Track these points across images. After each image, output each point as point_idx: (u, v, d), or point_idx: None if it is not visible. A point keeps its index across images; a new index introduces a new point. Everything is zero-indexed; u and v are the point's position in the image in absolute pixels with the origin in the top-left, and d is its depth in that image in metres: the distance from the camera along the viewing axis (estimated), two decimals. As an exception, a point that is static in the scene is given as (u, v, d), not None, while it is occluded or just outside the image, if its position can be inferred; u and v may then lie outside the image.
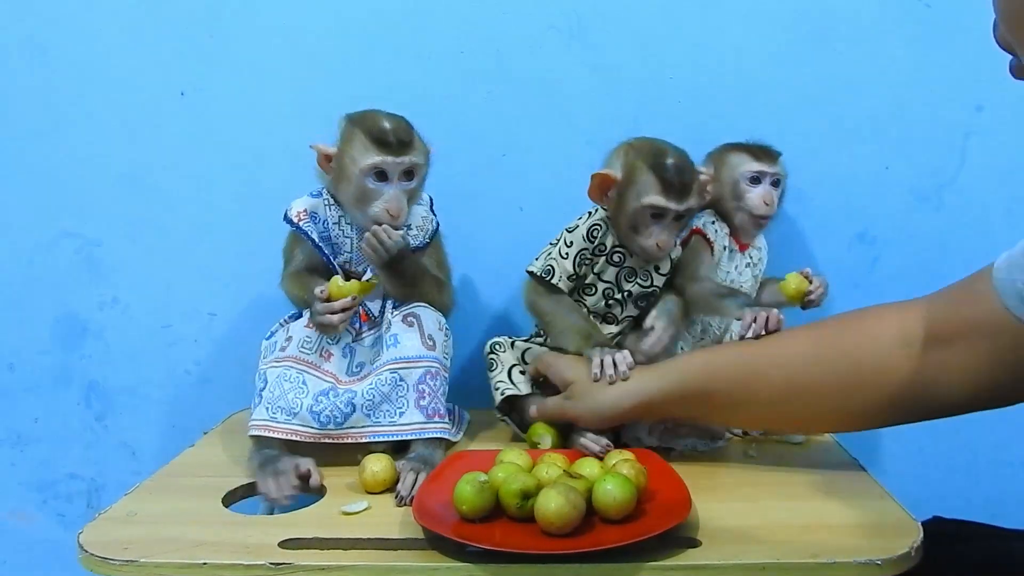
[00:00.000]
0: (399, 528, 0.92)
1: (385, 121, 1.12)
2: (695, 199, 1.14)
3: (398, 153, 1.10)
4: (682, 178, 1.11)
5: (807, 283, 1.16)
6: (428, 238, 1.20)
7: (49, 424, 1.49)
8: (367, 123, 1.12)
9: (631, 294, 1.18)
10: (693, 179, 1.13)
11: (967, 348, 0.90)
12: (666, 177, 1.10)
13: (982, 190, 1.37)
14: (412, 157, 1.11)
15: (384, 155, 1.10)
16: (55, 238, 1.44)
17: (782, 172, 1.23)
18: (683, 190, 1.11)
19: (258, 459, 1.08)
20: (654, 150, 1.13)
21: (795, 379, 1.00)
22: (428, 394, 1.11)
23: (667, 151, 1.12)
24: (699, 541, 0.87)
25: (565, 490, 0.87)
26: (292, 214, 1.19)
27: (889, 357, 0.95)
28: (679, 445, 1.14)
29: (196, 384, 1.47)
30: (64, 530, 1.51)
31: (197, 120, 1.40)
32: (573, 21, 1.37)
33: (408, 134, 1.12)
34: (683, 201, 1.11)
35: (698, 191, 1.15)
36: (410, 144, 1.12)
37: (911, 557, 0.83)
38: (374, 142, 1.10)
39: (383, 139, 1.10)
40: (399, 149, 1.10)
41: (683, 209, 1.12)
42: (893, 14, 1.34)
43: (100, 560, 0.86)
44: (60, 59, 1.40)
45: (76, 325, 1.46)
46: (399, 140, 1.10)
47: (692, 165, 1.14)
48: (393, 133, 1.10)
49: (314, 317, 1.12)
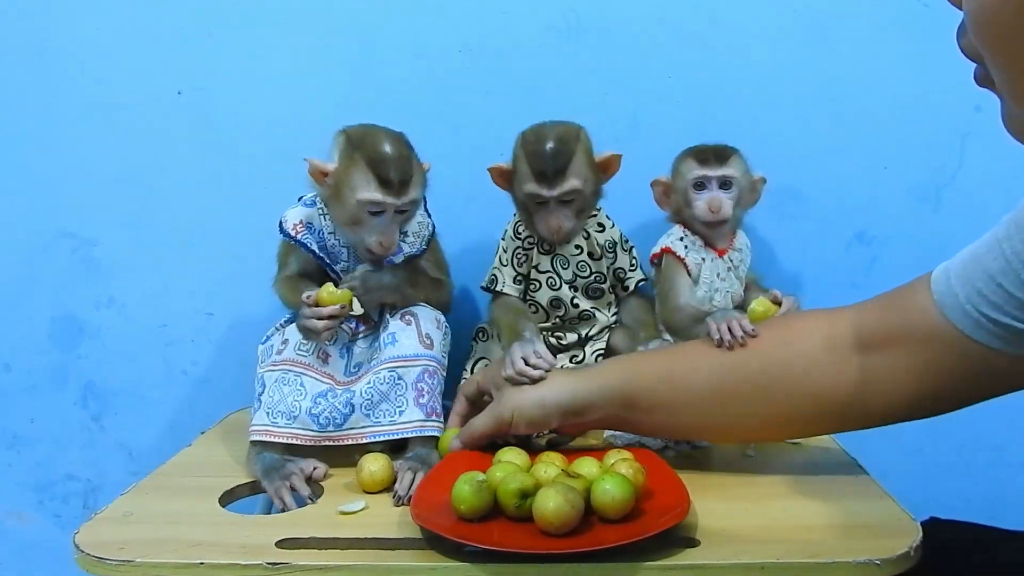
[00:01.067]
0: (397, 528, 0.92)
1: (387, 153, 1.08)
2: (574, 181, 1.14)
3: (398, 194, 1.08)
4: (555, 164, 1.13)
5: (775, 309, 1.16)
6: (424, 244, 1.20)
7: (46, 424, 1.49)
8: (368, 152, 1.08)
9: (575, 285, 1.22)
10: (567, 162, 1.13)
11: (902, 355, 0.90)
12: (538, 166, 1.13)
13: (980, 190, 1.37)
14: (411, 196, 1.10)
15: (384, 195, 1.07)
16: (52, 238, 1.44)
17: (735, 172, 1.19)
18: (556, 176, 1.13)
19: (260, 464, 1.07)
20: (532, 137, 1.15)
21: (718, 385, 0.99)
22: (427, 392, 1.11)
23: (545, 137, 1.15)
24: (698, 541, 0.86)
25: (563, 489, 0.87)
26: (288, 227, 1.17)
27: (815, 363, 0.95)
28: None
29: (193, 384, 1.47)
30: (60, 531, 1.51)
31: (195, 120, 1.40)
32: (572, 21, 1.37)
33: (409, 171, 1.09)
34: (556, 187, 1.14)
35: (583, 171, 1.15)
36: (410, 183, 1.09)
37: (910, 557, 0.83)
38: (375, 178, 1.07)
39: (384, 177, 1.07)
40: (399, 189, 1.08)
41: (558, 194, 1.14)
42: (891, 14, 1.35)
43: (96, 560, 0.86)
44: (57, 59, 1.40)
45: (73, 325, 1.46)
46: (400, 180, 1.07)
47: (571, 147, 1.14)
48: (395, 171, 1.07)
49: (300, 320, 1.12)
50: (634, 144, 1.35)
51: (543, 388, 1.04)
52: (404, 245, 1.18)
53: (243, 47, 1.39)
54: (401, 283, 1.15)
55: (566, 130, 1.17)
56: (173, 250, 1.43)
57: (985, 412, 1.40)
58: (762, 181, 1.23)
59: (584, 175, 1.16)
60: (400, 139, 1.12)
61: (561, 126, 1.18)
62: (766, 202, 1.36)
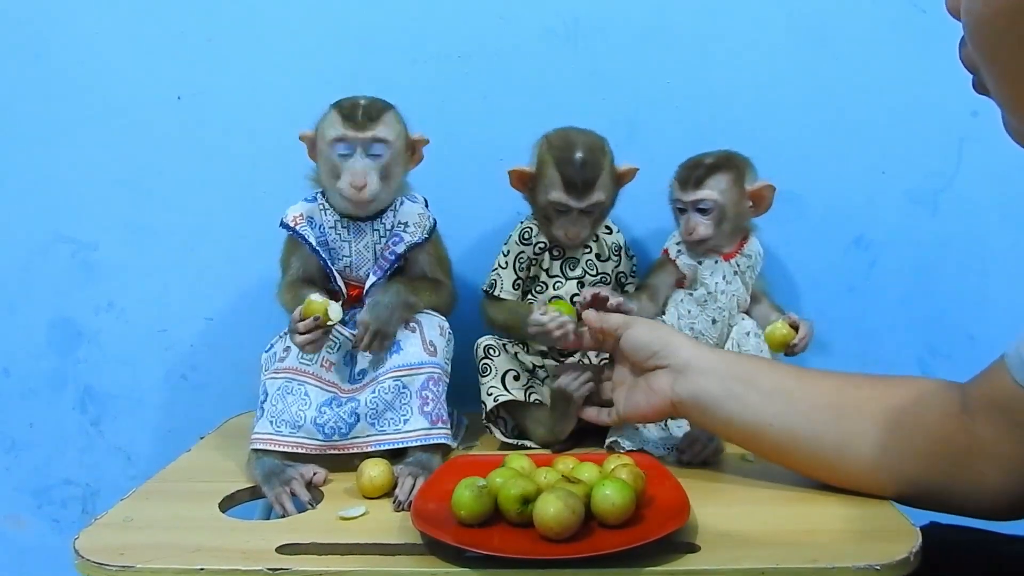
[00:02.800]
0: (397, 533, 0.92)
1: (356, 99, 1.15)
2: (600, 194, 1.17)
3: (362, 127, 1.12)
4: (584, 175, 1.15)
5: (793, 334, 1.18)
6: (427, 234, 1.19)
7: (44, 429, 1.49)
8: (340, 101, 1.15)
9: (582, 281, 1.22)
10: (596, 175, 1.16)
11: (999, 420, 0.90)
12: (569, 176, 1.15)
13: (978, 194, 1.37)
14: (376, 131, 1.12)
15: (347, 128, 1.12)
16: (51, 242, 1.44)
17: (711, 194, 1.18)
18: (584, 188, 1.15)
19: (260, 469, 1.07)
20: (561, 144, 1.17)
21: (838, 400, 0.98)
22: (431, 400, 1.11)
23: (575, 145, 1.16)
24: (698, 546, 0.86)
25: (564, 495, 0.87)
26: (288, 219, 1.18)
27: (930, 417, 0.94)
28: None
29: (192, 389, 1.46)
30: (59, 536, 1.50)
31: (194, 124, 1.40)
32: (570, 25, 1.37)
33: (377, 111, 1.14)
34: (583, 199, 1.16)
35: (608, 184, 1.18)
36: (377, 119, 1.13)
37: (910, 562, 0.83)
38: (341, 116, 1.12)
39: (349, 113, 1.12)
40: (363, 123, 1.12)
41: (584, 206, 1.16)
42: (888, 18, 1.35)
43: (96, 566, 0.86)
44: (56, 63, 1.40)
45: (71, 329, 1.46)
46: (365, 114, 1.12)
47: (600, 160, 1.16)
48: (361, 108, 1.13)
49: (290, 333, 1.12)
50: (633, 149, 1.35)
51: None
52: (405, 235, 1.18)
53: (243, 52, 1.39)
54: (405, 295, 1.15)
55: (594, 141, 1.19)
56: (172, 254, 1.43)
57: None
58: (770, 188, 1.21)
59: (608, 188, 1.18)
60: (380, 100, 1.16)
61: (588, 135, 1.19)
62: (765, 206, 1.37)
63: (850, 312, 1.41)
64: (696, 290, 1.23)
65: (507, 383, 1.19)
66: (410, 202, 1.21)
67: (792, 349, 1.20)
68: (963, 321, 1.40)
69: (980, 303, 1.40)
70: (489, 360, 1.21)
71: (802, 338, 1.19)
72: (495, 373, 1.20)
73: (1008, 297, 1.39)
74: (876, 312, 1.41)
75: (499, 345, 1.22)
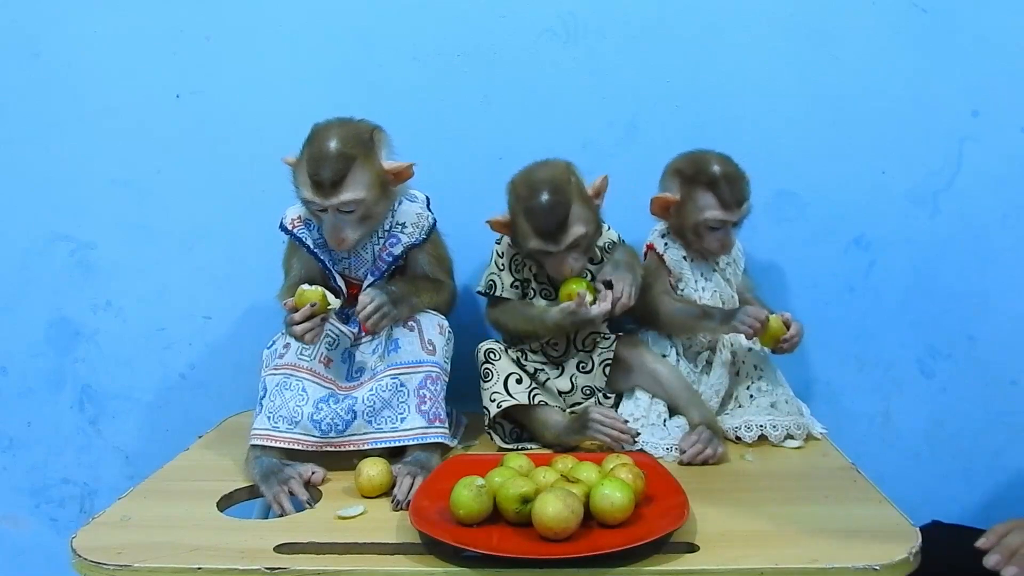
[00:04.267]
0: (395, 532, 0.91)
1: (324, 152, 1.07)
2: (577, 228, 1.15)
3: (328, 194, 1.08)
4: (555, 219, 1.13)
5: (784, 329, 1.18)
6: (424, 234, 1.19)
7: (42, 428, 1.48)
8: (310, 151, 1.09)
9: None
10: (565, 214, 1.13)
11: None
12: (538, 226, 1.13)
13: (978, 194, 1.37)
14: (342, 197, 1.08)
15: (315, 195, 1.09)
16: (49, 241, 1.43)
17: (745, 212, 1.21)
18: (559, 231, 1.13)
19: (259, 468, 1.07)
20: (526, 191, 1.15)
21: None
22: (429, 399, 1.11)
23: (539, 189, 1.14)
24: (697, 546, 0.86)
25: (563, 495, 0.87)
26: (287, 221, 1.18)
27: None
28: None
29: (191, 388, 1.46)
30: (56, 535, 1.50)
31: (192, 123, 1.40)
32: (570, 25, 1.37)
33: (342, 172, 1.07)
34: (560, 241, 1.14)
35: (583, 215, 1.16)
36: (341, 184, 1.08)
37: (910, 562, 0.83)
38: (309, 178, 1.08)
39: (316, 177, 1.08)
40: (329, 191, 1.08)
41: (563, 248, 1.14)
42: (890, 20, 1.35)
43: (94, 565, 0.85)
44: (54, 62, 1.40)
45: (69, 328, 1.45)
46: (331, 180, 1.07)
47: (566, 197, 1.14)
48: (326, 170, 1.07)
49: (286, 327, 1.11)
50: (633, 148, 1.36)
51: None
52: (403, 236, 1.17)
53: (241, 51, 1.38)
54: (409, 295, 1.15)
55: (557, 175, 1.15)
56: (171, 253, 1.43)
57: (982, 419, 1.42)
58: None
59: (584, 217, 1.15)
60: (351, 135, 1.10)
61: (551, 171, 1.16)
62: (765, 205, 1.37)
63: (850, 312, 1.41)
64: (683, 287, 1.24)
65: (510, 387, 1.19)
66: (408, 202, 1.21)
67: (781, 347, 1.20)
68: (963, 321, 1.40)
69: (980, 303, 1.40)
70: (490, 365, 1.20)
71: (792, 336, 1.19)
72: (497, 378, 1.19)
73: (1008, 297, 1.39)
74: (876, 312, 1.41)
75: (500, 349, 1.22)
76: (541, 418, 1.19)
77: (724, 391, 1.23)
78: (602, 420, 1.14)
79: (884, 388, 1.43)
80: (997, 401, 1.41)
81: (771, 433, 1.17)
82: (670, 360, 1.22)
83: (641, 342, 1.23)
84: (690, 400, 1.18)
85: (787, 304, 1.41)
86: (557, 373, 1.23)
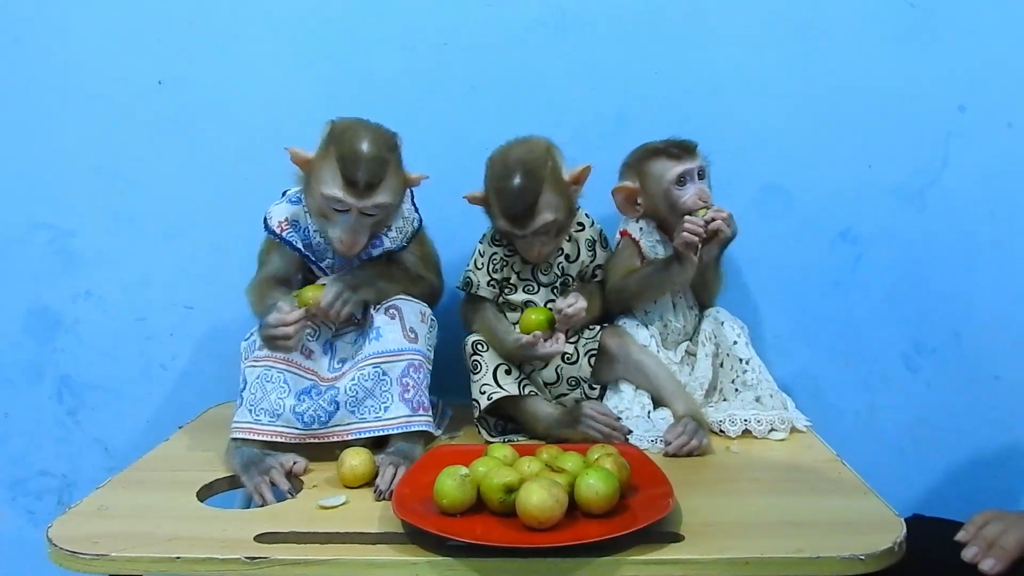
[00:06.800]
0: (378, 522, 0.90)
1: (360, 152, 1.05)
2: (546, 215, 1.14)
3: (362, 195, 1.06)
4: (523, 203, 1.12)
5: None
6: (405, 241, 1.18)
7: (20, 420, 1.46)
8: (343, 149, 1.06)
9: (555, 288, 1.24)
10: (535, 200, 1.13)
11: None
12: (507, 208, 1.13)
13: (964, 190, 1.37)
14: (376, 200, 1.07)
15: (347, 195, 1.06)
16: (28, 229, 1.41)
17: (704, 161, 1.22)
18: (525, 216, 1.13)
19: (239, 459, 1.06)
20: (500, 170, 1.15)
21: None
22: (412, 387, 1.10)
23: (512, 170, 1.13)
24: (682, 536, 0.86)
25: (547, 484, 0.86)
26: (273, 224, 1.16)
27: None
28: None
29: (172, 379, 1.44)
30: (34, 528, 1.48)
31: (175, 110, 1.38)
32: (558, 16, 1.36)
33: (380, 173, 1.06)
34: (527, 226, 1.13)
35: (555, 202, 1.15)
36: (377, 187, 1.06)
37: (894, 553, 0.83)
38: (342, 176, 1.05)
39: (350, 175, 1.05)
40: (364, 192, 1.06)
41: (529, 233, 1.14)
42: (877, 14, 1.35)
43: (69, 555, 0.84)
44: (35, 47, 1.37)
45: (49, 318, 1.43)
46: (367, 182, 1.05)
47: (537, 182, 1.13)
48: (363, 172, 1.05)
49: (264, 330, 1.08)
50: (621, 141, 1.35)
51: None
52: (385, 240, 1.17)
53: (225, 37, 1.37)
54: (373, 277, 1.14)
55: (533, 157, 1.14)
56: (152, 242, 1.41)
57: (966, 414, 1.42)
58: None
59: (555, 204, 1.14)
60: (383, 138, 1.09)
61: (528, 151, 1.15)
62: (752, 199, 1.37)
63: (836, 307, 1.41)
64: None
65: (499, 378, 1.18)
66: None
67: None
68: (949, 317, 1.40)
69: (966, 299, 1.40)
70: (479, 356, 1.19)
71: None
72: (486, 370, 1.18)
73: (993, 293, 1.39)
74: (862, 307, 1.41)
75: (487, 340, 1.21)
76: (531, 410, 1.18)
77: (708, 383, 1.23)
78: (595, 416, 1.13)
79: (869, 383, 1.43)
80: (981, 396, 1.41)
81: (755, 427, 1.17)
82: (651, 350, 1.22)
83: (626, 333, 1.23)
84: (675, 392, 1.18)
85: (773, 298, 1.41)
86: (543, 364, 1.22)
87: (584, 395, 1.22)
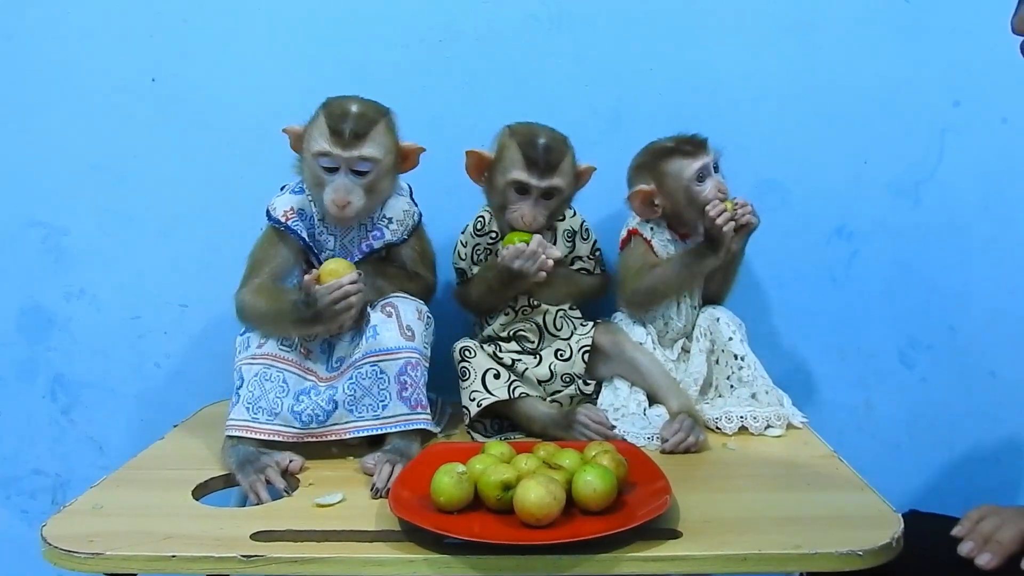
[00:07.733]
0: (375, 520, 0.90)
1: (347, 107, 1.08)
2: (561, 179, 1.18)
3: (348, 145, 1.07)
4: (547, 157, 1.16)
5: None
6: (406, 234, 1.18)
7: (13, 418, 1.45)
8: (330, 107, 1.09)
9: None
10: (559, 159, 1.17)
11: None
12: (532, 155, 1.16)
13: (959, 185, 1.38)
14: (363, 151, 1.07)
15: (332, 146, 1.07)
16: (21, 227, 1.40)
17: (716, 154, 1.23)
18: (547, 168, 1.16)
19: (235, 457, 1.05)
20: (525, 131, 1.19)
21: None
22: (410, 385, 1.09)
23: (538, 132, 1.18)
24: (680, 532, 0.86)
25: (545, 481, 0.86)
26: (278, 213, 1.15)
27: None
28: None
29: (166, 377, 1.44)
30: (28, 527, 1.47)
31: (169, 107, 1.37)
32: (554, 11, 1.36)
33: (366, 126, 1.08)
34: (544, 179, 1.16)
35: (569, 174, 1.19)
36: (364, 137, 1.07)
37: (892, 548, 0.83)
38: (328, 128, 1.07)
39: (336, 127, 1.06)
40: (350, 141, 1.07)
41: (544, 187, 1.17)
42: (872, 9, 1.35)
43: (64, 553, 0.83)
44: (27, 43, 1.36)
45: (42, 316, 1.42)
46: (353, 131, 1.06)
47: (563, 147, 1.18)
48: (350, 121, 1.07)
49: (321, 305, 1.04)
50: (616, 136, 1.35)
51: None
52: (386, 232, 1.16)
53: (219, 34, 1.36)
54: (370, 275, 1.13)
55: (557, 133, 1.20)
56: (146, 240, 1.40)
57: (962, 409, 1.43)
58: None
59: (569, 177, 1.19)
60: (371, 102, 1.11)
61: (551, 129, 1.20)
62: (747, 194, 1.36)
63: (831, 302, 1.41)
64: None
65: (488, 383, 1.17)
66: (398, 196, 1.19)
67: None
68: (944, 312, 1.41)
69: (961, 294, 1.40)
70: (467, 363, 1.19)
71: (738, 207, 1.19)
72: (474, 376, 1.18)
73: (989, 289, 1.40)
74: (857, 302, 1.41)
75: (475, 346, 1.21)
76: (525, 412, 1.18)
77: (703, 379, 1.23)
78: (587, 424, 1.13)
79: (865, 378, 1.43)
80: (977, 392, 1.42)
81: (751, 424, 1.17)
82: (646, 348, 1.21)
83: (620, 330, 1.23)
84: (670, 388, 1.18)
85: (769, 294, 1.41)
86: (535, 362, 1.21)
87: (579, 391, 1.21)
